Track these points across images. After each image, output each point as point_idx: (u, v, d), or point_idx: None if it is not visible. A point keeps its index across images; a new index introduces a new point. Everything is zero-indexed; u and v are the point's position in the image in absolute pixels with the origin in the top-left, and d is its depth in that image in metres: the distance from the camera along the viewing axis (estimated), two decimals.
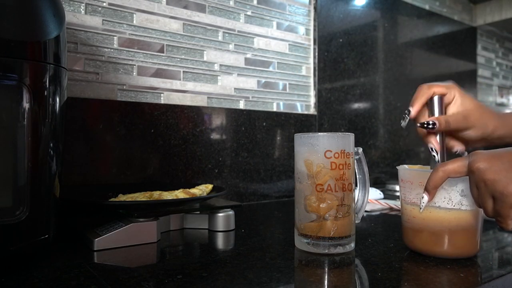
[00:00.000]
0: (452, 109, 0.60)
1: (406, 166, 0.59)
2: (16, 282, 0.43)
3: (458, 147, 0.61)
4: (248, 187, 0.99)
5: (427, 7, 1.50)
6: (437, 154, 0.57)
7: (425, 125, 0.57)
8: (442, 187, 0.50)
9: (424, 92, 0.59)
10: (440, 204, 0.51)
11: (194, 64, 0.93)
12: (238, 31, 1.00)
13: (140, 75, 0.85)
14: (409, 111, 0.59)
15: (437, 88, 0.59)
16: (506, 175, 0.43)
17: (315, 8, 1.14)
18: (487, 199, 0.45)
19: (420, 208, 0.52)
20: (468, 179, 0.48)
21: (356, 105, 1.25)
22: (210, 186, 0.76)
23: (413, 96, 0.60)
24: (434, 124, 0.57)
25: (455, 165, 0.48)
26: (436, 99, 0.58)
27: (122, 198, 0.66)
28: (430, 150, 0.58)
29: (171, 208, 0.66)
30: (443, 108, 0.59)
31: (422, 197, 0.51)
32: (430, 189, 0.50)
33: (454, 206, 0.51)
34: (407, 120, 0.59)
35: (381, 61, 1.34)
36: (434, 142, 0.58)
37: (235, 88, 0.99)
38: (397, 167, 0.58)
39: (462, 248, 0.52)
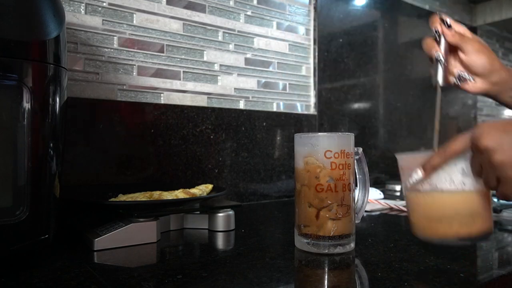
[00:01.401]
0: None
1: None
2: (16, 282, 0.43)
3: (460, 69, 0.61)
4: (248, 187, 0.99)
5: (427, 7, 1.50)
6: (443, 58, 0.58)
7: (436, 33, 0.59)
8: (442, 169, 0.48)
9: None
10: (442, 187, 0.49)
11: (194, 64, 0.93)
12: (238, 31, 1.00)
13: (140, 75, 0.85)
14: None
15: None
16: None
17: (315, 8, 1.14)
18: (493, 180, 0.43)
19: (410, 183, 0.50)
20: (467, 157, 0.46)
21: (356, 105, 1.25)
22: (210, 186, 0.76)
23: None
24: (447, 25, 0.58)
25: (455, 146, 0.46)
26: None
27: (122, 198, 0.66)
28: (436, 57, 0.58)
29: (171, 208, 0.66)
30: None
31: (416, 172, 0.49)
32: (427, 168, 0.48)
33: (456, 187, 0.48)
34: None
35: (381, 61, 1.34)
36: (439, 49, 0.58)
37: (235, 88, 0.99)
38: (395, 154, 0.55)
39: (473, 228, 0.49)
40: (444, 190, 0.49)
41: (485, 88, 0.61)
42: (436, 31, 0.59)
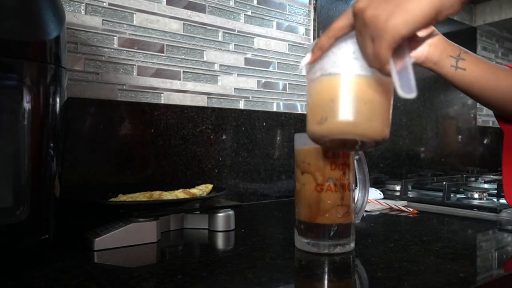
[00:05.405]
0: None
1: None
2: (16, 282, 0.43)
3: None
4: (248, 187, 0.99)
5: None
6: None
7: None
8: (331, 51, 0.43)
9: None
10: (331, 71, 0.43)
11: (194, 64, 0.93)
12: (238, 31, 1.00)
13: (140, 75, 0.85)
14: None
15: None
16: (386, 7, 0.38)
17: (315, 8, 1.14)
18: (368, 42, 0.39)
19: (300, 67, 0.46)
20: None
21: None
22: (210, 186, 0.76)
23: None
24: None
25: (339, 22, 0.42)
26: None
27: (122, 198, 0.66)
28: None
29: (171, 208, 0.66)
30: None
31: (305, 56, 0.45)
32: (315, 49, 0.44)
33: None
34: None
35: None
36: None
37: (235, 88, 0.99)
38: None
39: (361, 122, 0.42)
40: (331, 73, 0.43)
41: (425, 52, 0.57)
42: None
